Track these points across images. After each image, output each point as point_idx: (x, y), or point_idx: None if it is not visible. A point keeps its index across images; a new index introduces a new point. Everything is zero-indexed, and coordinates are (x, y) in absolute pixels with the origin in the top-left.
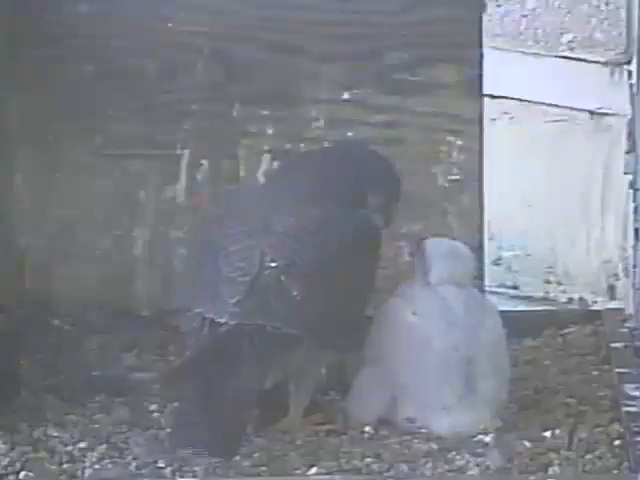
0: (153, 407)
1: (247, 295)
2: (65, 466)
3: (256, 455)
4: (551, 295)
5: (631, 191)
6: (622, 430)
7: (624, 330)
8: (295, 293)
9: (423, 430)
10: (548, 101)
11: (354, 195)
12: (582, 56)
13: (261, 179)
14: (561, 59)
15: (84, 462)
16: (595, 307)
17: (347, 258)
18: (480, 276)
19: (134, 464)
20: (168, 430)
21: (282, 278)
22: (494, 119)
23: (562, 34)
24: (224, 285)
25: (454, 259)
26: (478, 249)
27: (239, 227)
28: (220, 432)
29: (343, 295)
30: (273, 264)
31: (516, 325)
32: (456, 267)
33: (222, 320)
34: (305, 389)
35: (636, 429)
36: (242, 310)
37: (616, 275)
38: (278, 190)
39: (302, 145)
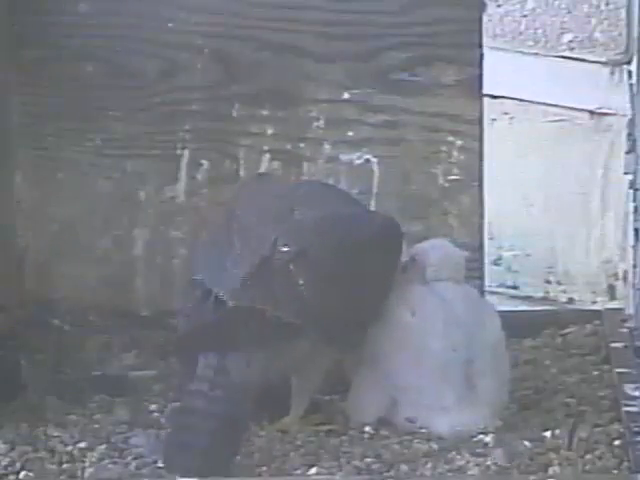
0: (153, 407)
1: (253, 277)
2: (65, 466)
3: (256, 455)
4: (551, 295)
5: (631, 191)
6: (622, 430)
7: (624, 330)
8: (301, 282)
9: (423, 430)
10: (548, 101)
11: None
12: (582, 56)
13: None
14: (561, 59)
15: (84, 462)
16: (595, 307)
17: (362, 257)
18: (480, 276)
19: (134, 464)
20: (162, 450)
21: (291, 266)
22: (494, 119)
23: (562, 34)
24: (233, 261)
25: (447, 259)
26: (478, 249)
27: (260, 210)
28: (213, 457)
29: (356, 294)
30: (285, 249)
31: (516, 325)
32: (446, 267)
33: (223, 297)
34: (308, 388)
35: (636, 429)
36: (247, 292)
37: (616, 275)
38: (306, 187)
39: (302, 145)
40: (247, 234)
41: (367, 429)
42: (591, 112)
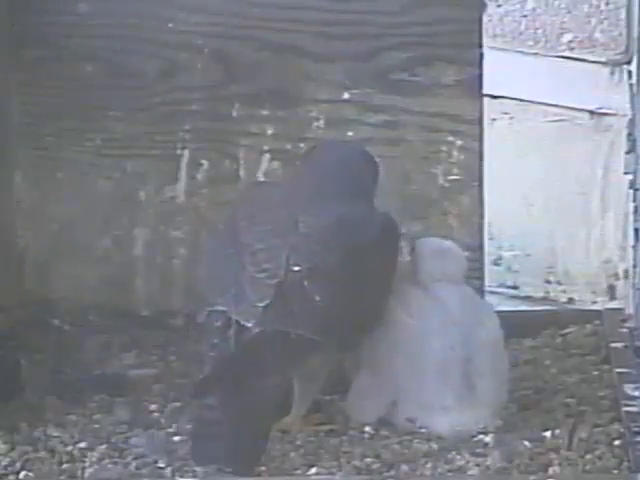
0: (153, 407)
1: (274, 300)
2: (65, 466)
3: None
4: (551, 295)
5: (631, 191)
6: (622, 430)
7: (624, 330)
8: (318, 298)
9: (423, 430)
10: (548, 101)
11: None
12: (582, 56)
13: (261, 177)
14: (561, 59)
15: (84, 462)
16: (595, 307)
17: (369, 260)
18: (480, 276)
19: (134, 464)
20: (189, 444)
21: (305, 283)
22: (494, 119)
23: (562, 34)
24: (250, 285)
25: (442, 258)
26: (478, 249)
27: (266, 225)
28: (241, 447)
29: (363, 297)
30: (296, 268)
31: (516, 325)
32: (444, 266)
33: (249, 324)
34: (311, 389)
35: (636, 429)
36: (268, 316)
37: (616, 275)
38: (304, 188)
39: (302, 145)
40: (257, 256)
41: (367, 429)
42: (591, 112)
